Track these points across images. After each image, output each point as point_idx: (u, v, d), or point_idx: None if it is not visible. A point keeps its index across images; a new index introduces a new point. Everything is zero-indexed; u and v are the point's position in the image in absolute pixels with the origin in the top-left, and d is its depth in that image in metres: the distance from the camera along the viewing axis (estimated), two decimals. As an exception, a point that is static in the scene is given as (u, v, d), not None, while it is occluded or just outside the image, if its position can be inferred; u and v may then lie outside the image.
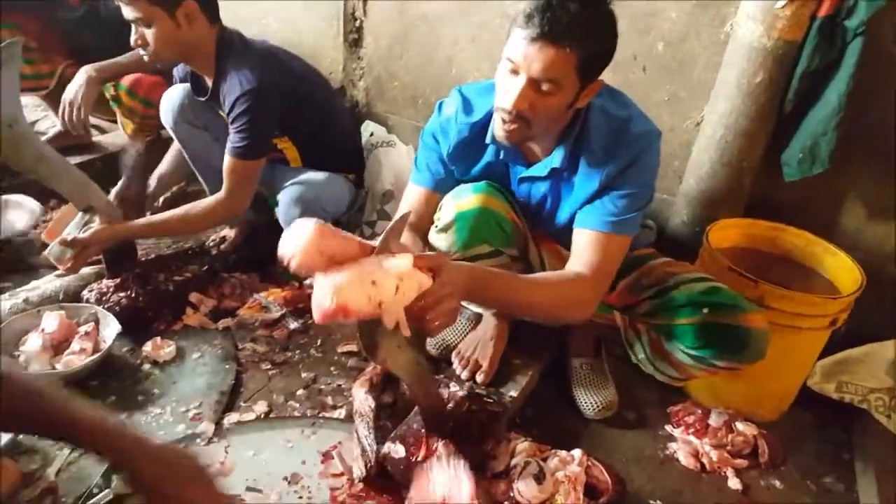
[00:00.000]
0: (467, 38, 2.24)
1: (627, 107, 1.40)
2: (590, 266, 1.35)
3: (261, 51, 1.89)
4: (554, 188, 1.47)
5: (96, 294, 1.79)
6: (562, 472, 1.39)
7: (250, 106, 1.78)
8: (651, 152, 1.38)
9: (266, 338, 1.84)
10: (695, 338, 1.40)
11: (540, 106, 1.25)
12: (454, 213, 1.44)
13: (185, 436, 1.48)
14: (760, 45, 1.65)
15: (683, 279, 1.47)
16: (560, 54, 1.19)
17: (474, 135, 1.46)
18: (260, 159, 1.89)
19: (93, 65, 2.27)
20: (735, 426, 1.62)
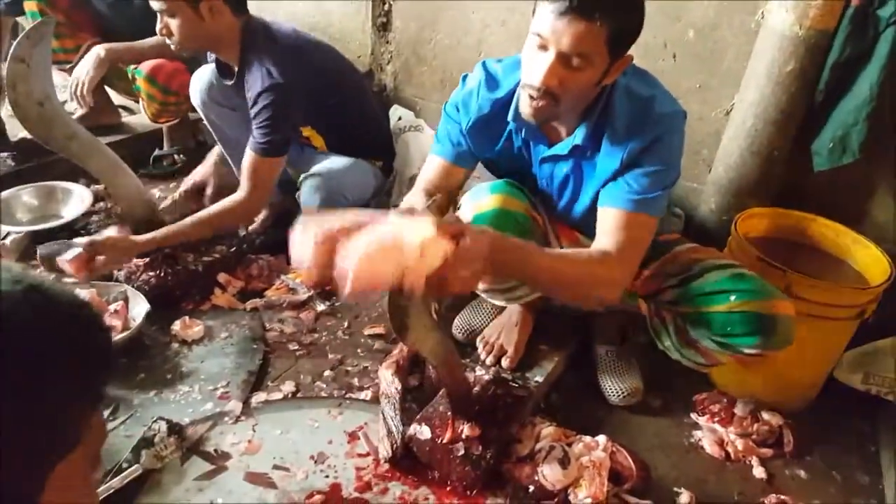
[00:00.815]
0: (497, 21, 2.23)
1: (653, 86, 1.38)
2: (615, 245, 1.33)
3: (285, 45, 1.88)
4: (576, 168, 1.45)
5: (126, 273, 1.82)
6: (586, 457, 1.40)
7: (272, 102, 1.79)
8: (674, 132, 1.36)
9: (293, 319, 1.86)
10: (722, 325, 1.39)
11: (569, 82, 1.23)
12: (472, 214, 1.43)
13: (214, 413, 1.51)
14: (792, 34, 1.63)
15: (709, 265, 1.46)
16: (590, 27, 1.16)
17: (496, 111, 1.44)
18: (281, 157, 1.90)
19: (106, 45, 2.31)
20: (761, 415, 1.61)
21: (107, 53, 2.28)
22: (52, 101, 1.62)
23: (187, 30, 1.77)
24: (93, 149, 1.74)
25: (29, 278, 0.50)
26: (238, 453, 1.42)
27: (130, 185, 1.83)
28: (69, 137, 1.67)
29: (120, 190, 1.83)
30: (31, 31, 1.55)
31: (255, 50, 1.84)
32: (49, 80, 1.63)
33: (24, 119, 1.61)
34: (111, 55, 2.29)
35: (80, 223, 2.18)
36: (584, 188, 1.47)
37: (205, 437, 1.44)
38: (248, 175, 1.88)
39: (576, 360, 1.78)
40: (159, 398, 1.55)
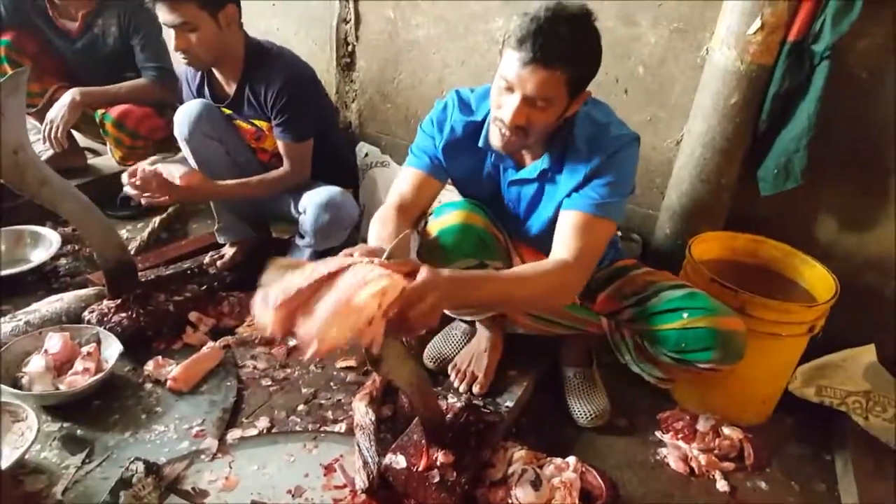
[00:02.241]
0: (457, 61, 2.33)
1: (609, 115, 1.50)
2: (574, 251, 1.40)
3: (285, 50, 2.04)
4: (540, 189, 1.54)
5: (97, 315, 1.82)
6: (557, 478, 1.45)
7: (295, 92, 1.93)
8: (630, 149, 1.46)
9: (265, 355, 1.88)
10: (676, 341, 1.47)
11: (535, 118, 1.34)
12: (437, 230, 1.51)
13: (190, 452, 1.51)
14: (735, 69, 1.73)
15: (662, 286, 1.55)
16: (552, 76, 1.28)
17: (468, 134, 1.54)
18: (310, 139, 2.05)
19: (80, 89, 2.35)
20: (722, 430, 1.69)
21: (82, 97, 2.32)
22: (25, 149, 1.63)
23: (207, 41, 1.85)
24: (65, 193, 1.75)
25: None
26: (216, 490, 1.43)
27: (102, 228, 1.84)
28: (41, 183, 1.68)
29: (92, 233, 1.84)
30: (6, 82, 1.57)
31: (261, 58, 1.96)
32: (24, 128, 1.65)
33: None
34: (86, 99, 2.33)
35: (49, 266, 2.18)
36: (546, 206, 1.55)
37: (182, 476, 1.45)
38: (289, 159, 2.05)
39: (544, 383, 1.83)
40: (134, 438, 1.55)
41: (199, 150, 2.04)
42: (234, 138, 2.08)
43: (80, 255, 2.29)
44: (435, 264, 1.43)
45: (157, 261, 2.20)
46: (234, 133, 2.09)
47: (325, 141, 2.13)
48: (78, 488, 1.41)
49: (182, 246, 2.34)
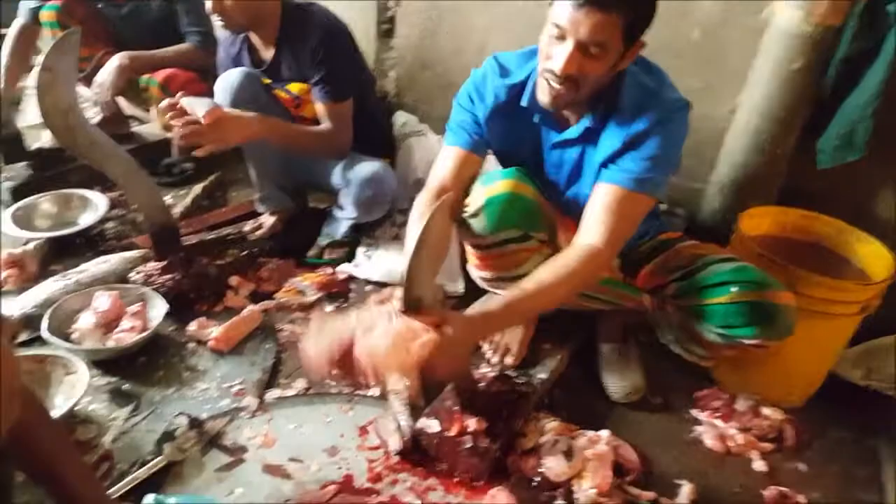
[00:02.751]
0: (501, 25, 2.26)
1: (661, 79, 1.44)
2: (605, 233, 1.36)
3: (324, 9, 2.01)
4: (582, 154, 1.50)
5: (143, 276, 1.88)
6: (590, 450, 1.44)
7: (333, 47, 1.91)
8: (677, 119, 1.40)
9: (303, 320, 1.91)
10: (723, 316, 1.42)
11: (587, 68, 1.29)
12: (484, 198, 1.48)
13: (231, 409, 1.56)
14: (799, 31, 1.64)
15: (711, 260, 1.49)
16: (607, 18, 1.23)
17: (511, 98, 1.50)
18: (349, 99, 2.00)
19: (128, 53, 2.39)
20: (761, 411, 1.65)
21: (129, 62, 2.36)
22: (76, 110, 1.68)
23: (241, 5, 1.85)
24: (113, 155, 1.80)
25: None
26: (255, 447, 1.47)
27: (148, 190, 1.89)
28: (91, 144, 1.73)
29: (138, 195, 1.89)
30: (60, 42, 1.61)
31: (299, 18, 1.94)
32: (74, 89, 1.69)
33: (51, 127, 1.67)
34: (132, 63, 2.37)
35: (97, 229, 2.25)
36: (588, 173, 1.51)
37: (223, 432, 1.50)
38: (330, 120, 2.00)
39: (579, 358, 1.81)
40: (178, 395, 1.61)
41: None
42: (275, 107, 2.08)
43: (126, 219, 2.35)
44: (478, 234, 1.45)
45: (199, 227, 2.25)
46: (274, 102, 2.09)
47: (360, 108, 2.10)
48: (125, 439, 1.47)
49: (223, 213, 2.38)
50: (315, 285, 2.01)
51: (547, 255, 1.55)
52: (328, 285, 2.02)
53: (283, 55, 1.99)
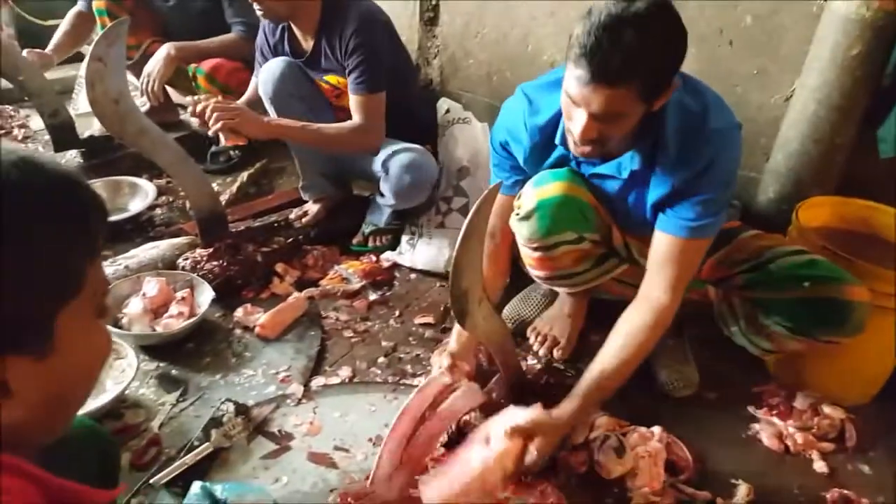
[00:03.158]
0: (545, 13, 2.23)
1: (704, 97, 1.31)
2: (667, 284, 1.35)
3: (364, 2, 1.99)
4: (627, 187, 1.43)
5: (191, 262, 1.89)
6: (642, 447, 1.40)
7: (367, 38, 1.89)
8: (729, 151, 1.31)
9: (347, 307, 1.91)
10: (795, 311, 1.38)
11: (607, 132, 1.22)
12: (536, 200, 1.44)
13: (276, 396, 1.56)
14: (858, 17, 1.59)
15: (779, 252, 1.44)
16: (617, 93, 1.13)
17: (545, 137, 1.43)
18: (383, 91, 1.97)
19: (174, 43, 2.42)
20: (821, 409, 1.58)
21: (177, 52, 2.39)
22: (126, 98, 1.70)
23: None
24: (161, 143, 1.82)
25: (21, 152, 0.57)
26: (300, 434, 1.47)
27: (196, 178, 1.91)
28: (140, 132, 1.75)
29: (186, 182, 1.91)
30: (108, 31, 1.63)
31: (338, 7, 1.92)
32: (123, 78, 1.71)
33: (101, 116, 1.70)
34: (180, 53, 2.40)
35: (146, 215, 2.29)
36: (634, 207, 1.45)
37: (269, 419, 1.50)
38: (360, 113, 1.97)
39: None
40: (225, 381, 1.62)
41: (282, 109, 2.06)
42: (317, 97, 2.09)
43: (174, 206, 2.40)
44: (529, 237, 1.42)
45: (245, 214, 2.27)
46: (316, 91, 2.08)
47: (402, 96, 2.09)
48: (172, 424, 1.48)
49: (269, 200, 2.40)
50: (359, 273, 2.00)
51: (601, 257, 1.51)
52: (372, 273, 2.02)
53: (322, 46, 1.98)
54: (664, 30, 1.13)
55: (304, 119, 2.03)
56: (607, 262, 1.56)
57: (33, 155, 0.58)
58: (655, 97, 1.20)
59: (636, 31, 1.09)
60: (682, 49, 1.18)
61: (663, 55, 1.15)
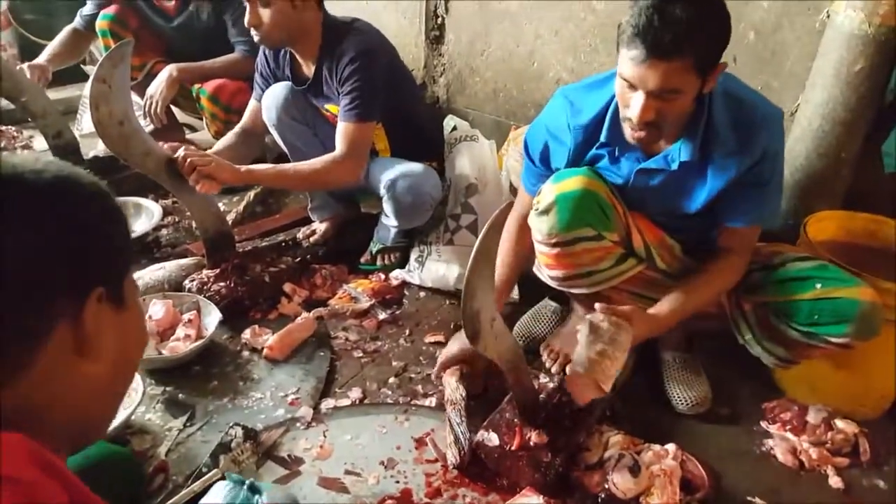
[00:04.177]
0: (550, 31, 2.25)
1: (745, 86, 1.41)
2: (737, 252, 1.48)
3: (364, 25, 1.98)
4: (679, 178, 1.45)
5: (197, 284, 1.88)
6: (657, 465, 1.38)
7: (361, 66, 1.86)
8: (780, 136, 1.40)
9: (357, 327, 1.90)
10: (808, 313, 1.39)
11: (666, 110, 1.27)
12: (555, 194, 1.44)
13: (286, 419, 1.54)
14: (861, 32, 1.60)
15: (790, 257, 1.47)
16: (673, 66, 1.20)
17: (588, 135, 1.48)
18: (372, 122, 1.94)
19: (177, 65, 2.43)
20: (834, 424, 1.57)
21: (179, 73, 2.41)
22: (130, 120, 1.70)
23: (278, 19, 1.83)
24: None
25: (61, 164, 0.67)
26: (311, 458, 1.45)
27: (202, 199, 1.90)
28: (146, 154, 1.75)
29: (192, 203, 1.90)
30: (113, 53, 1.63)
31: (337, 35, 1.91)
32: (128, 99, 1.71)
33: (105, 137, 1.69)
34: (182, 75, 2.42)
35: (151, 236, 2.28)
36: (691, 198, 1.47)
37: (278, 443, 1.48)
38: (344, 142, 1.92)
39: (641, 367, 1.76)
40: (233, 404, 1.60)
41: (286, 134, 2.06)
42: (322, 122, 2.09)
43: (180, 227, 2.39)
44: (548, 232, 1.45)
45: (253, 233, 2.27)
46: (320, 116, 2.08)
47: (408, 114, 2.09)
48: (180, 450, 1.46)
49: (276, 219, 2.40)
50: (368, 292, 2.00)
51: (620, 256, 1.51)
52: (381, 292, 2.01)
53: (323, 72, 1.96)
54: (710, 4, 1.22)
55: (311, 142, 2.03)
56: (626, 261, 1.55)
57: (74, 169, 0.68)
58: (709, 73, 1.26)
59: (684, 5, 1.17)
60: (728, 24, 1.25)
61: (712, 28, 1.22)
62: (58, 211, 0.62)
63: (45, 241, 0.60)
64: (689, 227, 1.55)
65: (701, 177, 1.42)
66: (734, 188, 1.39)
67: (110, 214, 0.68)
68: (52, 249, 0.60)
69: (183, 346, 1.68)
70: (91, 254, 0.64)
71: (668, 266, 1.56)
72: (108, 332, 0.66)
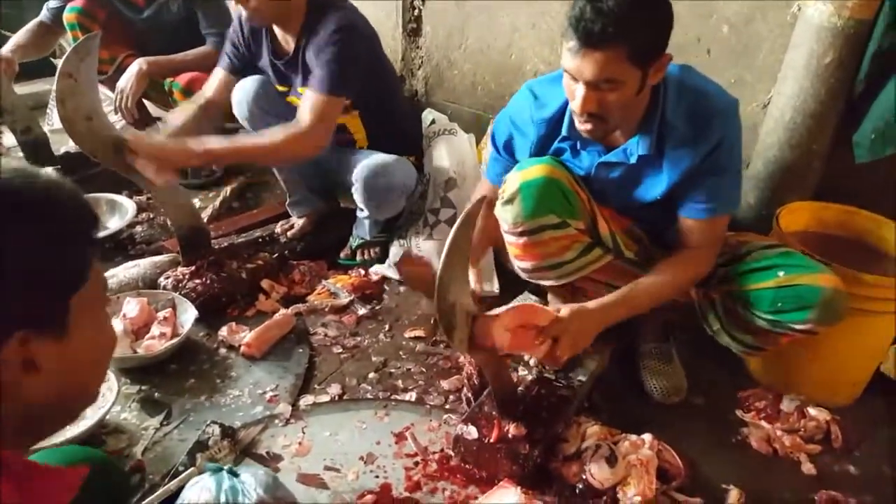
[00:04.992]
0: (527, 24, 2.24)
1: (701, 77, 1.43)
2: (699, 247, 1.47)
3: (349, 5, 1.96)
4: (636, 171, 1.47)
5: (173, 281, 1.86)
6: (633, 455, 1.40)
7: (342, 39, 1.83)
8: (735, 127, 1.41)
9: (336, 322, 1.89)
10: (772, 301, 1.41)
11: (607, 102, 1.28)
12: (518, 182, 1.44)
13: (264, 416, 1.54)
14: (830, 25, 1.62)
15: (755, 246, 1.49)
16: (605, 56, 1.22)
17: (550, 128, 1.50)
18: (342, 97, 1.87)
19: (147, 58, 2.39)
20: (807, 412, 1.60)
21: (149, 67, 2.36)
22: (99, 115, 1.67)
23: None
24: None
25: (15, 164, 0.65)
26: (289, 455, 1.45)
27: (176, 194, 1.87)
28: (116, 150, 1.71)
29: (166, 199, 1.87)
30: (79, 46, 1.60)
31: (321, 12, 1.88)
32: (96, 94, 1.68)
33: (72, 133, 1.65)
34: (153, 68, 2.37)
35: (125, 233, 2.25)
36: (647, 190, 1.49)
37: (257, 440, 1.47)
38: (310, 112, 1.82)
39: (618, 358, 1.77)
40: (210, 402, 1.59)
41: (259, 128, 2.03)
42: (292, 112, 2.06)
43: (154, 223, 2.36)
44: (514, 221, 1.45)
45: (229, 229, 2.24)
46: (292, 108, 2.06)
47: (387, 108, 2.08)
48: (156, 449, 1.45)
49: (253, 215, 2.38)
50: (347, 287, 1.99)
51: (587, 246, 1.51)
52: (361, 287, 2.00)
53: (302, 48, 1.92)
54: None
55: None
56: (593, 251, 1.55)
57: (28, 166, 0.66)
58: (647, 64, 1.27)
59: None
60: (667, 13, 1.27)
61: (647, 18, 1.23)
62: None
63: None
64: (653, 219, 1.56)
65: (659, 169, 1.44)
66: (692, 178, 1.41)
67: (40, 240, 0.62)
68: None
69: (158, 345, 1.67)
70: (5, 300, 0.59)
71: (635, 255, 1.57)
72: (48, 359, 0.63)
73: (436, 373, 1.72)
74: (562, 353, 1.37)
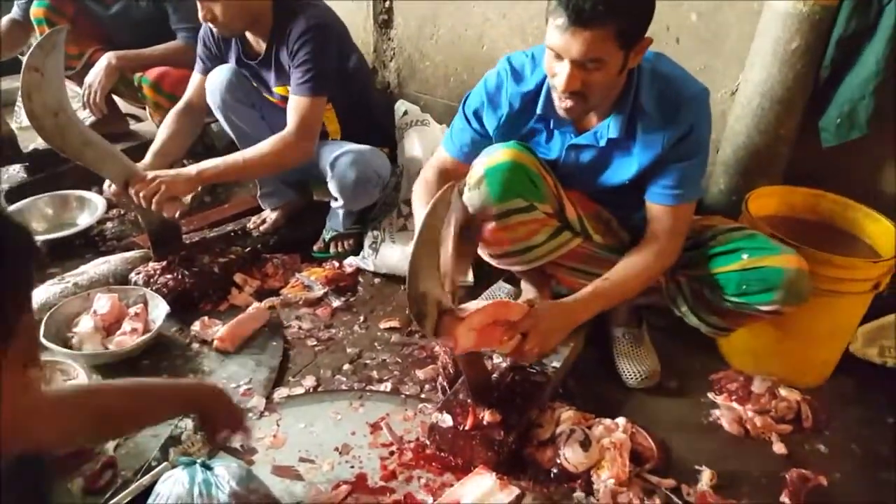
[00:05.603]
0: (498, 14, 2.24)
1: (673, 65, 1.44)
2: (666, 235, 1.48)
3: (318, 6, 1.96)
4: (606, 154, 1.48)
5: (144, 276, 1.84)
6: (607, 439, 1.42)
7: (314, 38, 1.84)
8: (705, 115, 1.43)
9: (310, 315, 1.88)
10: (737, 284, 1.43)
11: (590, 81, 1.29)
12: (484, 168, 1.44)
13: (238, 410, 1.53)
14: (796, 12, 1.64)
15: (720, 230, 1.52)
16: (595, 34, 1.22)
17: (525, 104, 1.49)
18: (324, 96, 1.91)
19: (115, 52, 2.36)
20: (778, 392, 1.62)
21: (118, 61, 2.33)
22: (66, 110, 1.64)
23: (232, 10, 1.80)
24: (107, 155, 1.75)
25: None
26: (264, 448, 1.44)
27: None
28: (84, 145, 1.69)
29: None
30: (44, 41, 1.57)
31: (289, 13, 1.88)
32: (63, 89, 1.64)
33: (39, 129, 1.62)
34: (122, 63, 2.34)
35: (95, 230, 2.22)
36: (616, 173, 1.50)
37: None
38: (296, 117, 1.87)
39: (592, 344, 1.79)
40: (184, 398, 1.57)
41: (232, 117, 2.02)
42: (267, 104, 2.05)
43: (125, 219, 2.33)
44: (481, 206, 1.44)
45: (201, 224, 2.22)
46: (265, 100, 2.05)
47: (359, 100, 2.07)
48: (128, 444, 1.43)
49: (225, 209, 2.36)
50: (321, 280, 1.98)
51: (556, 229, 1.52)
52: (335, 279, 1.99)
53: (273, 50, 1.93)
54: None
55: (259, 125, 1.99)
56: (561, 234, 1.55)
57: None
58: (632, 45, 1.28)
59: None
60: (648, 5, 1.29)
61: (633, 4, 1.25)
62: None
63: None
64: (622, 204, 1.57)
65: (629, 153, 1.45)
66: (661, 164, 1.43)
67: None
68: None
69: (130, 341, 1.65)
70: None
71: (603, 238, 1.58)
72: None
73: (411, 363, 1.72)
74: (529, 349, 1.37)
